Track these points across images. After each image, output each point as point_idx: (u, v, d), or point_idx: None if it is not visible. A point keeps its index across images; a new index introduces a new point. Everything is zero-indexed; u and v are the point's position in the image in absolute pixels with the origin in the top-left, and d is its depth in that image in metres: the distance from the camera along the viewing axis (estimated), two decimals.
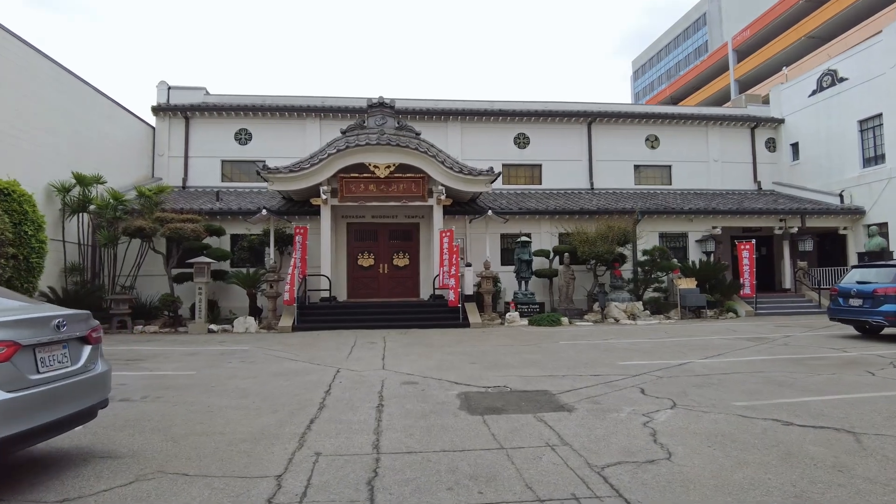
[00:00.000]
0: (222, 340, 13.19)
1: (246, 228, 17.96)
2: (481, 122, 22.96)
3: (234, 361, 9.76)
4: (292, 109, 22.34)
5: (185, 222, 15.71)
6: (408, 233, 18.82)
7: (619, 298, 17.36)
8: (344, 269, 18.44)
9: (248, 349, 11.51)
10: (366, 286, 18.47)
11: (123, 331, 15.49)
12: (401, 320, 15.41)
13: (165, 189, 17.32)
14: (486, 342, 12.17)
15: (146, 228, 15.32)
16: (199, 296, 15.69)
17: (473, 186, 16.72)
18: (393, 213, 18.61)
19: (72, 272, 16.11)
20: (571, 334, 13.63)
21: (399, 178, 16.81)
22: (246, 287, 16.35)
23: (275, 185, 16.44)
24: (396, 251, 18.64)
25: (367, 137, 16.22)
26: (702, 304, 17.56)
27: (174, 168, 22.28)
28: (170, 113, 22.23)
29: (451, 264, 16.02)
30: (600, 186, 23.23)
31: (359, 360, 9.78)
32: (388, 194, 16.96)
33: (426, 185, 16.96)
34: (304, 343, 12.43)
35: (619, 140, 23.72)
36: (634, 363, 9.05)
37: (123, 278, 17.21)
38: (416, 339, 12.90)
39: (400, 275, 18.56)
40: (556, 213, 19.25)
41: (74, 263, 16.22)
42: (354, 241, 18.67)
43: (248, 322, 15.59)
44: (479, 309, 16.22)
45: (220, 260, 16.97)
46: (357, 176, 16.73)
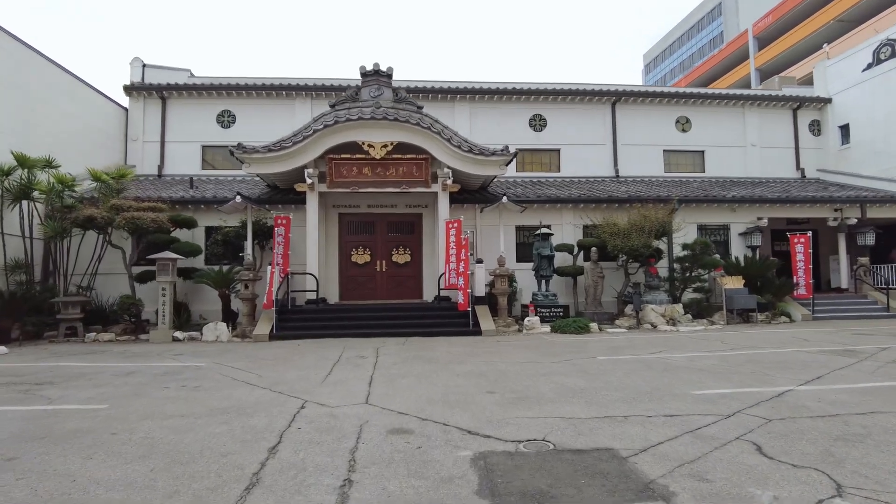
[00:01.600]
0: (180, 353, 10.78)
1: (221, 220, 15.57)
2: (492, 102, 20.47)
3: (173, 387, 7.33)
4: (280, 88, 19.93)
5: (147, 211, 13.32)
6: (409, 225, 16.37)
7: (656, 300, 14.85)
8: (335, 266, 16.01)
9: (204, 366, 9.10)
10: (361, 286, 16.03)
11: (73, 339, 13.12)
12: (400, 327, 12.98)
13: (127, 174, 14.92)
14: (504, 356, 9.71)
15: (98, 218, 12.94)
16: (163, 298, 13.29)
17: (485, 169, 14.24)
18: (392, 201, 16.17)
19: (14, 270, 13.76)
20: (607, 345, 11.14)
21: (398, 160, 14.36)
22: (218, 287, 13.95)
23: (252, 168, 14.03)
24: (396, 246, 16.19)
25: (359, 111, 13.78)
26: (751, 306, 15.02)
27: (149, 154, 19.93)
28: (144, 93, 19.87)
29: (459, 260, 13.56)
30: (626, 174, 20.69)
31: (338, 385, 7.34)
32: (385, 179, 14.52)
33: (430, 168, 14.51)
34: (278, 357, 10.01)
35: (647, 122, 21.17)
36: (713, 392, 6.55)
37: (79, 277, 14.86)
38: (416, 351, 10.45)
39: (400, 273, 16.12)
40: (581, 202, 16.74)
41: (18, 260, 13.86)
42: (348, 235, 16.24)
43: (219, 329, 13.19)
44: (491, 313, 13.75)
45: (191, 256, 14.58)
46: (349, 157, 14.29)
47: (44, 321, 13.44)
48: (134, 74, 20.22)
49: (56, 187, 13.34)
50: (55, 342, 12.97)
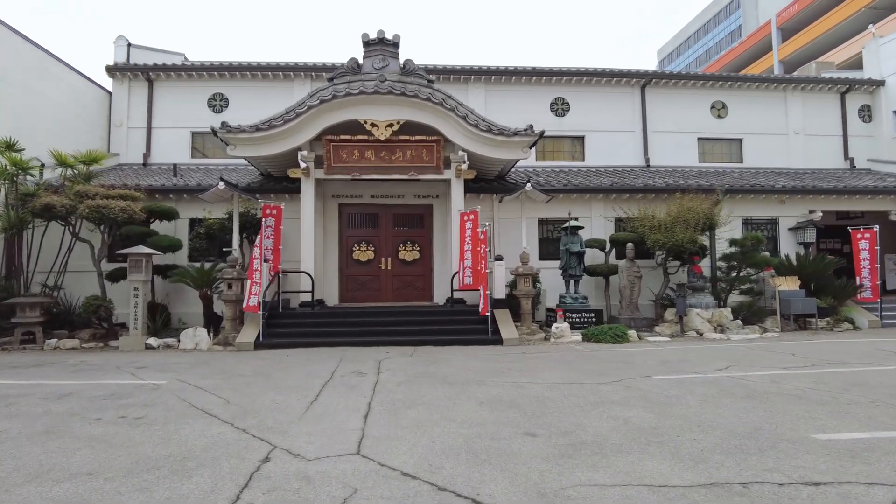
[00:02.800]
0: (143, 366, 8.99)
1: (206, 211, 13.79)
2: (510, 85, 18.58)
3: (107, 418, 5.53)
4: (277, 69, 18.14)
5: (117, 199, 11.55)
6: (418, 218, 14.53)
7: (701, 304, 12.91)
8: (334, 264, 14.20)
9: (164, 385, 7.30)
10: (363, 287, 14.20)
11: (30, 346, 11.39)
12: (407, 334, 11.14)
13: (99, 157, 13.14)
14: (536, 374, 7.84)
15: (57, 206, 11.18)
16: (135, 299, 11.53)
17: (506, 151, 12.37)
18: (398, 190, 14.34)
19: None
20: (656, 358, 9.24)
21: (406, 143, 12.52)
22: (198, 288, 12.17)
23: (238, 151, 12.23)
24: (403, 241, 14.35)
25: (361, 85, 11.95)
26: (811, 311, 13.06)
27: (135, 141, 18.19)
28: (129, 74, 18.14)
29: (476, 257, 11.70)
30: (657, 163, 18.73)
31: (324, 418, 5.51)
32: (390, 164, 12.68)
33: (442, 151, 12.66)
34: (258, 372, 8.19)
35: (680, 107, 19.20)
36: (844, 438, 4.66)
37: (48, 275, 13.13)
38: (426, 365, 8.60)
39: (408, 272, 14.28)
40: (613, 192, 14.83)
41: None
42: (349, 229, 14.42)
43: (198, 336, 11.41)
44: (513, 318, 11.87)
45: (170, 251, 12.81)
46: (349, 139, 12.47)
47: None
48: (118, 55, 18.51)
49: (8, 170, 11.56)
50: (8, 350, 11.24)
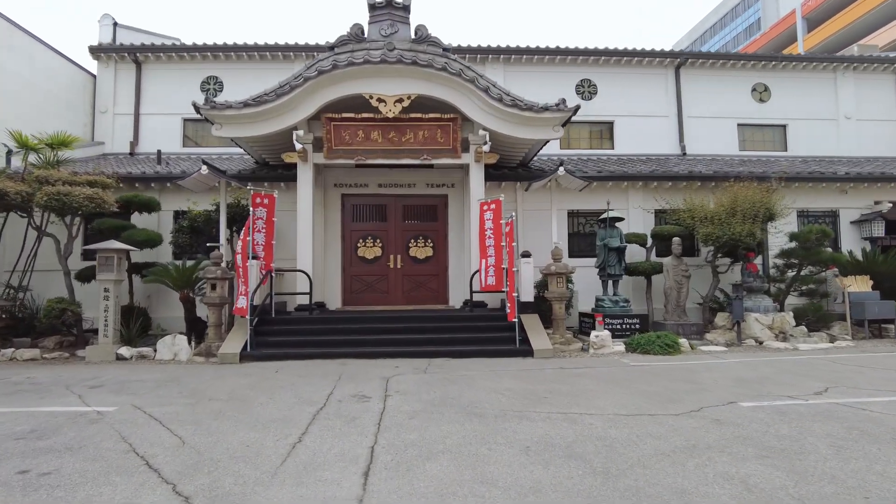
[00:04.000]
0: (99, 384, 7.35)
1: (192, 202, 12.19)
2: (531, 65, 16.84)
3: None
4: (275, 49, 16.53)
5: (83, 186, 9.95)
6: (431, 209, 12.83)
7: (759, 307, 11.12)
8: (337, 262, 12.54)
9: (111, 413, 5.67)
10: (369, 288, 12.53)
11: None
12: (420, 343, 9.46)
13: (69, 141, 11.55)
14: (586, 399, 6.12)
15: (10, 193, 9.59)
16: (106, 302, 9.93)
17: (534, 130, 10.65)
18: (409, 178, 12.67)
19: None
20: (726, 375, 7.49)
21: (418, 122, 10.86)
22: (178, 288, 10.53)
23: (225, 131, 10.60)
24: (414, 236, 12.67)
25: (366, 53, 10.28)
26: (889, 315, 11.25)
27: (121, 129, 16.63)
28: (115, 56, 16.59)
29: (499, 254, 10.01)
30: (694, 152, 16.91)
31: (306, 475, 3.83)
32: (400, 147, 11.01)
33: (459, 131, 10.97)
34: (235, 395, 6.53)
35: (718, 90, 17.38)
36: None
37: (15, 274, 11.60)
38: (445, 386, 6.90)
39: (420, 271, 12.60)
40: (653, 179, 13.08)
41: None
42: (353, 222, 12.76)
43: (177, 344, 9.78)
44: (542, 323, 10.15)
45: (148, 246, 11.21)
46: (352, 118, 10.81)
47: None
48: (103, 35, 16.96)
49: None
50: None
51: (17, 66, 13.82)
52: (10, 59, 13.59)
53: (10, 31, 13.72)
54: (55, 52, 15.64)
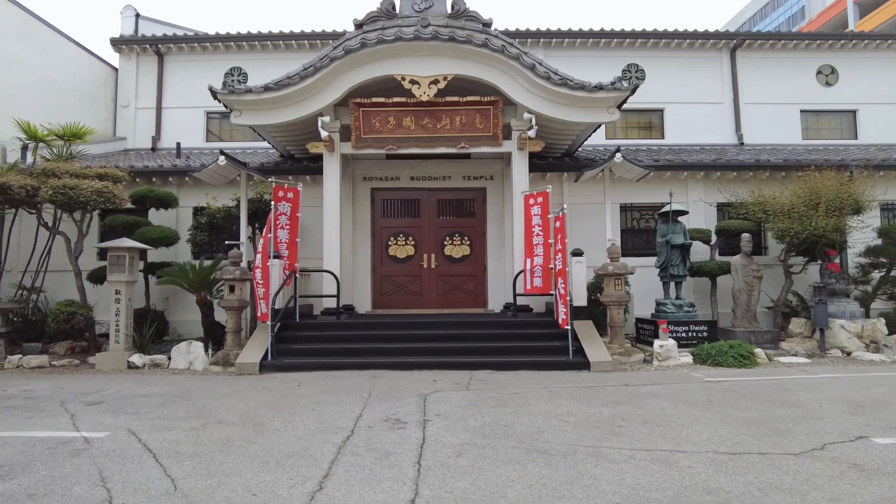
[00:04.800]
0: (98, 401, 6.48)
1: (211, 198, 11.35)
2: (573, 49, 15.62)
3: None
4: (301, 37, 15.68)
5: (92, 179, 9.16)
6: (468, 204, 11.75)
7: (844, 313, 9.75)
8: (367, 261, 11.56)
9: (97, 443, 4.75)
10: (401, 290, 11.52)
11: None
12: (459, 353, 8.40)
13: (83, 133, 10.82)
14: (673, 430, 4.96)
15: (14, 188, 8.84)
16: (117, 305, 9.12)
17: (586, 113, 9.49)
18: (444, 170, 11.61)
19: None
20: (830, 395, 6.23)
21: (454, 106, 9.80)
22: (195, 290, 9.67)
23: (244, 118, 9.70)
24: (450, 233, 11.61)
25: (398, 30, 9.25)
26: None
27: (143, 123, 15.99)
28: (137, 48, 15.94)
29: (547, 252, 8.89)
30: (753, 141, 15.45)
31: None
32: (435, 133, 9.98)
33: (500, 115, 9.88)
34: (247, 419, 5.56)
35: (778, 74, 15.88)
36: None
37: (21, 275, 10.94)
38: (494, 409, 5.81)
39: (456, 271, 11.53)
40: (717, 169, 11.76)
41: None
42: (384, 218, 11.76)
43: (192, 352, 8.91)
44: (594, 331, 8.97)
45: (162, 244, 10.40)
46: (383, 102, 9.81)
47: None
48: (125, 27, 16.34)
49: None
50: None
51: (36, 60, 13.23)
52: (29, 52, 12.98)
53: (30, 23, 13.12)
54: (76, 44, 15.06)
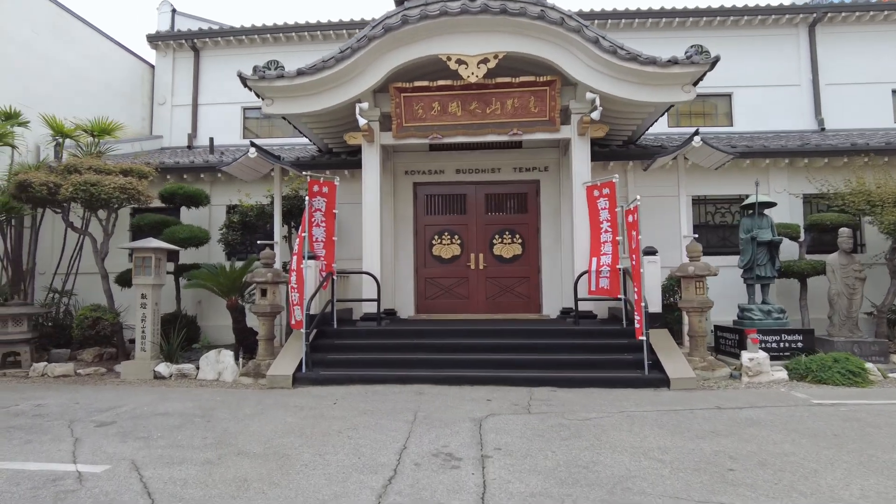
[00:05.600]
0: (113, 418, 5.73)
1: (245, 194, 10.66)
2: (631, 30, 14.31)
3: None
4: (341, 27, 14.94)
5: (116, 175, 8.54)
6: (520, 199, 10.69)
7: None
8: (409, 261, 10.66)
9: (90, 481, 3.95)
10: (447, 293, 10.57)
11: (13, 371, 8.61)
12: (514, 366, 7.38)
13: (112, 128, 10.26)
14: (804, 477, 3.81)
15: (35, 185, 8.28)
16: (143, 310, 8.47)
17: (657, 91, 8.31)
18: (493, 161, 10.60)
19: None
20: None
21: (506, 88, 8.78)
22: (225, 294, 8.93)
23: (276, 107, 8.92)
24: (500, 231, 10.58)
25: (442, 5, 8.30)
26: None
27: (179, 121, 15.56)
28: (173, 44, 15.52)
29: (615, 250, 7.80)
30: (836, 126, 13.86)
31: None
32: (484, 119, 8.98)
33: (558, 97, 8.80)
34: (271, 449, 4.67)
35: (865, 50, 14.21)
36: None
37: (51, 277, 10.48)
38: (566, 440, 4.77)
39: (506, 273, 10.50)
40: (804, 155, 10.38)
41: None
42: (427, 215, 10.84)
43: (221, 361, 8.17)
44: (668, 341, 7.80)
45: (191, 244, 9.74)
46: (426, 86, 8.87)
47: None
48: (162, 23, 15.97)
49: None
50: None
51: (72, 57, 12.84)
52: (64, 50, 12.59)
53: (66, 19, 12.72)
54: (112, 41, 14.70)
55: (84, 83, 13.27)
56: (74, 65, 13.02)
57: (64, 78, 12.63)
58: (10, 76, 11.04)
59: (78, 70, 13.12)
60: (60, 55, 12.62)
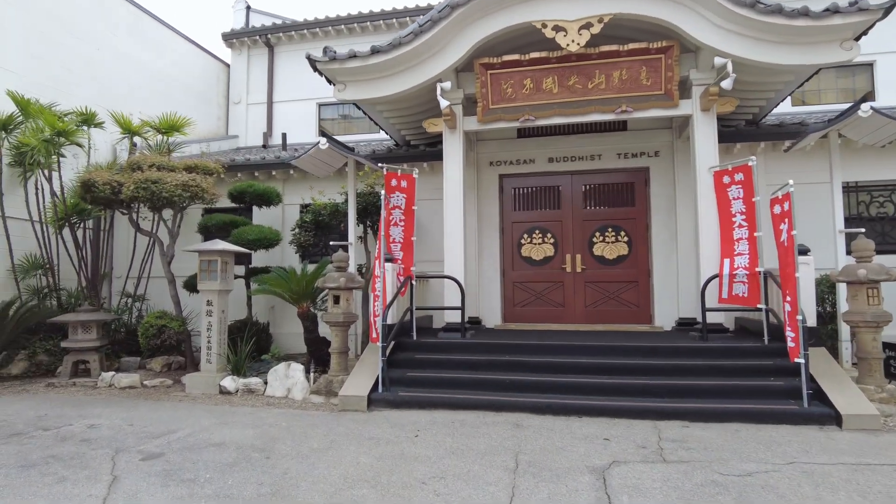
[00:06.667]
0: (161, 449, 4.92)
1: (318, 191, 9.86)
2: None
3: None
4: (417, 13, 14.01)
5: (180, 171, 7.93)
6: (626, 189, 9.24)
7: None
8: (495, 263, 9.49)
9: None
10: (538, 299, 9.30)
11: (82, 379, 8.20)
12: (630, 393, 6.02)
13: (180, 125, 9.77)
14: None
15: (98, 184, 7.77)
16: (209, 318, 7.79)
17: (807, 51, 6.66)
18: (592, 147, 9.23)
19: (28, 272, 9.27)
20: None
21: (613, 57, 7.42)
22: (296, 301, 8.10)
23: (349, 92, 8.03)
24: (602, 228, 9.19)
25: None
26: None
27: (255, 120, 15.19)
28: (248, 41, 15.17)
29: (754, 249, 6.30)
30: None
31: None
32: (584, 96, 7.64)
33: (675, 66, 7.33)
34: (342, 501, 3.67)
35: None
36: None
37: (124, 281, 10.15)
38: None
39: (609, 276, 9.09)
40: None
41: (34, 257, 9.36)
42: (515, 211, 9.62)
43: (291, 376, 7.35)
44: None
45: (260, 246, 9.02)
46: (517, 61, 7.66)
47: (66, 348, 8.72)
48: (236, 20, 15.67)
49: (43, 142, 8.23)
50: (55, 386, 8.12)
51: (148, 57, 12.63)
52: (140, 50, 12.38)
53: (142, 19, 12.52)
54: (188, 40, 14.49)
55: (160, 84, 13.05)
56: (151, 65, 12.81)
57: (140, 79, 12.43)
58: (87, 78, 10.85)
59: (154, 71, 12.91)
60: (137, 56, 12.42)
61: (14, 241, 9.16)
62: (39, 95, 9.33)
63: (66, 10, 10.52)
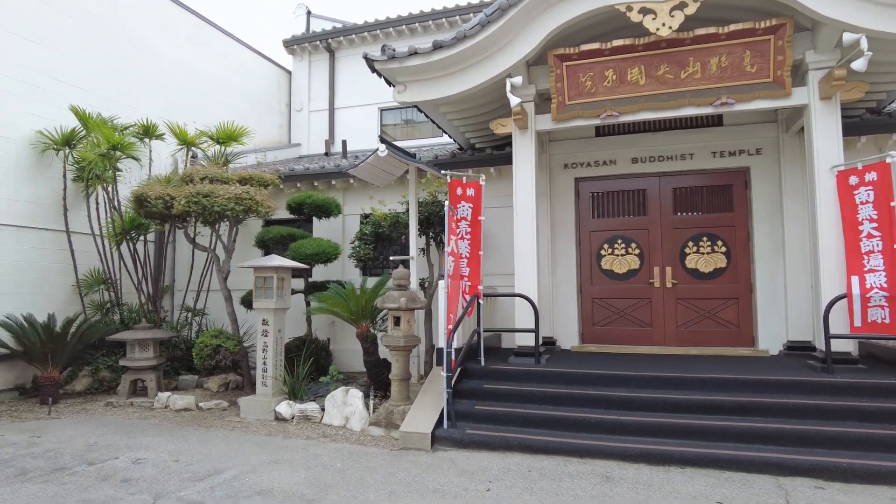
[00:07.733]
0: (203, 497, 4.41)
1: (379, 201, 9.27)
2: None
3: None
4: (486, 6, 13.28)
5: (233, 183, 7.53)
6: (723, 193, 8.09)
7: None
8: (570, 277, 8.57)
9: None
10: (622, 318, 8.32)
11: (140, 399, 7.95)
12: (740, 438, 5.02)
13: (238, 134, 9.45)
14: None
15: (151, 198, 7.47)
16: (264, 339, 7.35)
17: None
18: (684, 145, 8.15)
19: (91, 287, 9.18)
20: None
21: (710, 41, 6.38)
22: (355, 321, 7.51)
23: (409, 94, 7.37)
24: (695, 236, 8.10)
25: None
26: None
27: (317, 127, 14.91)
28: (308, 47, 14.92)
29: (893, 263, 5.13)
30: None
31: None
32: (676, 87, 6.64)
33: (786, 47, 6.21)
34: None
35: None
36: None
37: (184, 294, 9.94)
38: None
39: (705, 292, 7.98)
40: None
41: (97, 272, 9.26)
42: (593, 219, 8.68)
43: (349, 404, 6.78)
44: None
45: (318, 261, 8.49)
46: (598, 50, 6.75)
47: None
48: (297, 26, 15.46)
49: (100, 157, 8.02)
50: (113, 405, 7.91)
51: (210, 67, 12.51)
52: (202, 60, 12.26)
53: (204, 29, 12.38)
54: (249, 48, 14.35)
55: (222, 93, 12.93)
56: (213, 75, 12.70)
57: (202, 88, 12.32)
58: (150, 90, 10.77)
59: (216, 80, 12.80)
60: (199, 66, 12.32)
61: (78, 256, 9.11)
62: (103, 109, 9.27)
63: (129, 23, 10.46)
